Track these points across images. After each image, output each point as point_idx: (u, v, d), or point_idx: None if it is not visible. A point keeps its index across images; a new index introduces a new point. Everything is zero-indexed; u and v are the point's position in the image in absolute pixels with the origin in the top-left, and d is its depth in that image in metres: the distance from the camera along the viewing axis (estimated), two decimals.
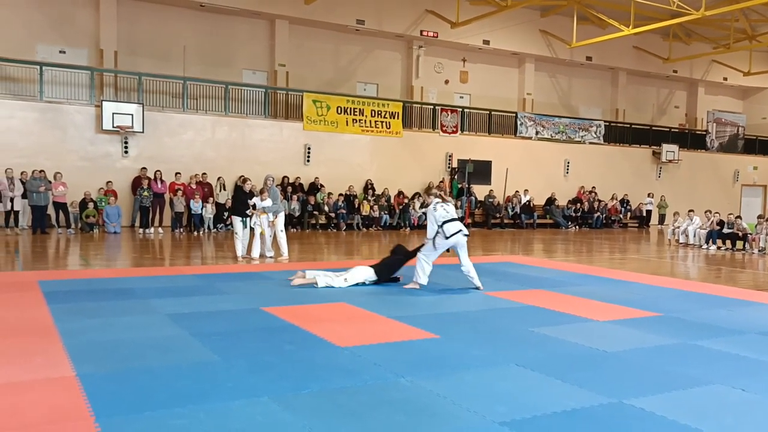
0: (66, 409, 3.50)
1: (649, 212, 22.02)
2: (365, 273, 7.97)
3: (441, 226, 7.62)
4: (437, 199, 7.84)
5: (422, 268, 7.78)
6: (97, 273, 8.71)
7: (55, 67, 16.32)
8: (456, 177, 20.43)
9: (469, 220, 19.93)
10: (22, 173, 14.59)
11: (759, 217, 16.08)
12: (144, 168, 15.99)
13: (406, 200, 18.93)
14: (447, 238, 7.59)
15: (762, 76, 27.68)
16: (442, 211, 7.69)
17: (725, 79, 27.62)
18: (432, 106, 20.95)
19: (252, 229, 10.42)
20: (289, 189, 17.49)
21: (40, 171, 14.52)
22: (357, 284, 7.84)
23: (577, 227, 21.29)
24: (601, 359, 4.80)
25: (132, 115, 16.11)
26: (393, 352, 4.84)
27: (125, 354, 4.58)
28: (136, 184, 15.81)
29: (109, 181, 15.90)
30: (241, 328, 5.52)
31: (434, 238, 7.68)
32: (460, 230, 7.69)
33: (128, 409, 3.50)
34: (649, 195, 22.56)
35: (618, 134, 24.37)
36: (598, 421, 3.51)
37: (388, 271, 8.07)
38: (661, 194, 23.42)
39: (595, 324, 6.06)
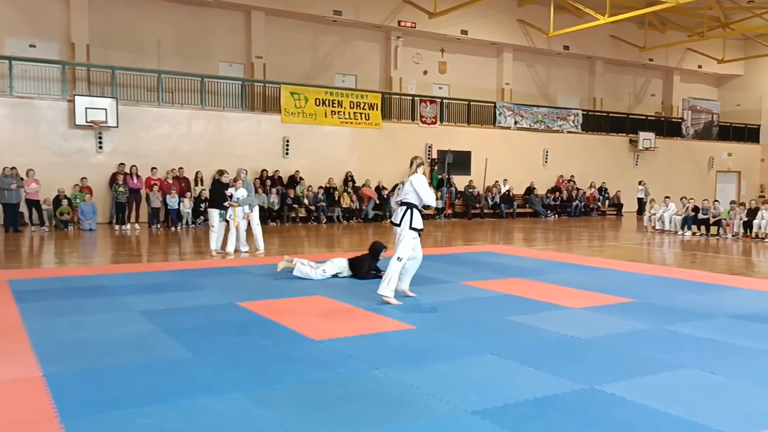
0: (31, 410, 3.43)
1: (640, 200, 21.78)
2: (340, 264, 7.93)
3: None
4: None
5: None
6: (70, 271, 8.57)
7: (25, 61, 15.95)
8: (436, 168, 20.43)
9: (450, 211, 19.98)
10: (4, 169, 14.22)
11: (732, 202, 16.33)
12: (122, 163, 15.74)
13: (385, 191, 18.88)
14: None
15: (735, 63, 28.06)
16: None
17: (700, 66, 27.93)
18: (411, 97, 20.90)
19: (228, 223, 10.32)
20: (268, 182, 17.36)
21: (12, 168, 14.20)
22: (335, 276, 7.81)
23: (556, 216, 21.44)
24: (575, 346, 4.84)
25: (106, 109, 15.83)
26: (368, 344, 4.83)
27: (95, 353, 4.51)
28: (113, 179, 15.57)
29: (84, 178, 15.63)
30: (215, 323, 5.46)
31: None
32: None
33: (95, 409, 3.44)
34: (640, 183, 22.42)
35: (595, 123, 24.55)
36: (569, 407, 3.53)
37: (358, 269, 7.86)
38: (640, 180, 23.38)
39: (571, 311, 6.11)
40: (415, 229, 6.27)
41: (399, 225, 6.30)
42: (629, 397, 3.67)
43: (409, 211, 6.25)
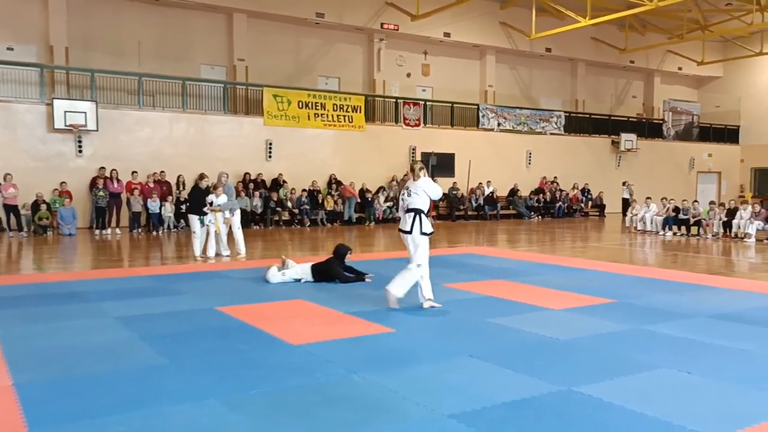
0: None
1: (625, 201, 21.61)
2: (303, 270, 7.78)
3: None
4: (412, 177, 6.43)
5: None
6: (47, 277, 8.43)
7: (2, 64, 15.71)
8: None
9: (434, 213, 19.99)
10: None
11: (711, 203, 16.53)
12: (102, 168, 15.55)
13: (369, 194, 18.87)
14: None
15: (715, 65, 28.45)
16: (406, 198, 6.36)
17: (680, 68, 28.27)
18: (394, 100, 20.91)
19: (209, 227, 10.22)
20: (251, 185, 17.25)
21: None
22: (297, 281, 7.69)
23: (539, 217, 21.55)
24: (553, 348, 4.84)
25: (85, 113, 15.63)
26: (347, 348, 4.80)
27: (68, 360, 4.43)
28: (93, 184, 15.38)
29: (63, 182, 15.42)
30: (193, 329, 5.39)
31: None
32: (402, 230, 6.37)
33: (65, 418, 3.37)
34: (624, 183, 22.40)
35: (578, 124, 24.73)
36: (546, 409, 3.52)
37: (326, 273, 7.68)
38: (624, 181, 23.20)
39: (551, 312, 6.12)
40: (426, 234, 6.28)
41: (410, 232, 6.25)
42: (606, 398, 3.68)
43: (417, 217, 6.24)
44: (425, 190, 6.30)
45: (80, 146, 15.91)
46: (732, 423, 3.35)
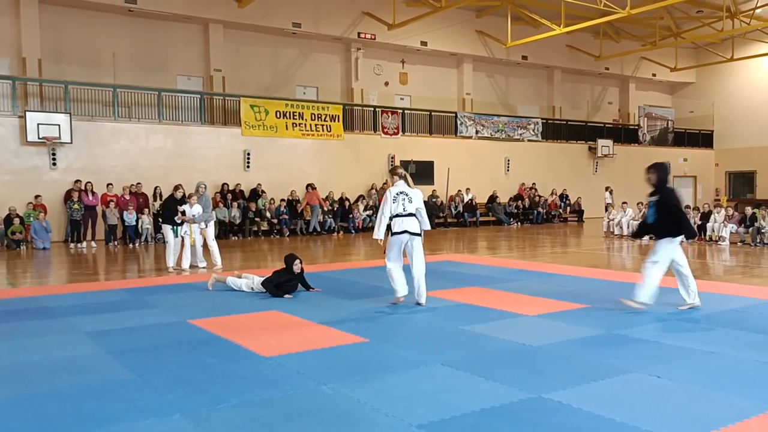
0: None
1: (609, 206, 21.42)
2: (253, 282, 7.63)
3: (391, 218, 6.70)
4: (400, 184, 6.76)
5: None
6: (17, 292, 8.26)
7: None
8: None
9: None
10: None
11: (686, 206, 16.73)
12: (77, 180, 15.34)
13: (348, 202, 18.84)
14: (392, 234, 6.74)
15: (688, 71, 28.97)
16: (401, 204, 6.65)
17: (654, 75, 28.73)
18: (372, 108, 20.95)
19: (183, 239, 10.11)
20: (229, 196, 17.13)
21: None
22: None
23: (519, 223, 21.69)
24: (526, 354, 4.85)
25: (59, 125, 15.42)
26: (319, 359, 4.75)
27: (33, 377, 4.33)
28: (67, 197, 15.15)
29: (38, 195, 15.18)
30: (163, 342, 5.31)
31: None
32: (407, 230, 6.69)
33: None
34: (607, 189, 22.22)
35: (555, 131, 24.99)
36: (516, 417, 3.52)
37: (272, 287, 7.35)
38: (607, 186, 22.87)
39: (524, 319, 6.14)
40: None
41: (420, 234, 6.78)
42: (575, 404, 3.68)
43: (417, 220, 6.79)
44: (419, 197, 6.85)
45: (54, 159, 15.69)
46: (700, 426, 3.37)
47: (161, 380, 4.23)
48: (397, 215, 6.70)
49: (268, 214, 17.40)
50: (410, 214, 6.69)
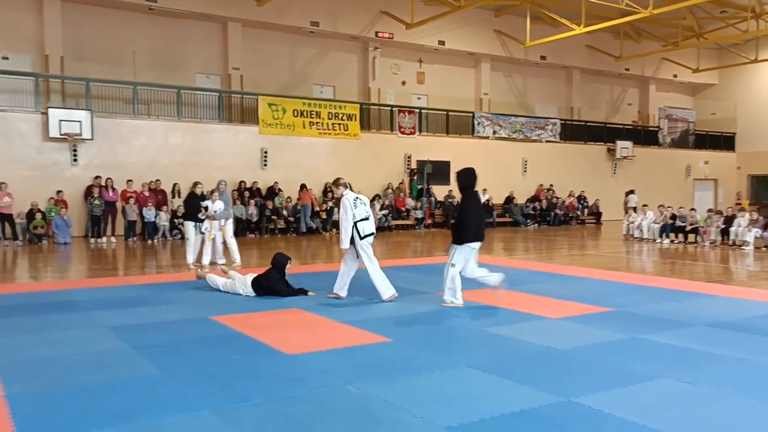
0: None
1: (634, 209, 20.84)
2: (244, 286, 7.31)
3: (355, 224, 6.88)
4: (351, 192, 7.07)
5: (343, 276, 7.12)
6: (41, 286, 8.34)
7: None
8: (415, 178, 20.43)
9: (429, 221, 19.96)
10: None
11: (709, 210, 16.53)
12: (97, 176, 15.47)
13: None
14: (362, 238, 6.91)
15: (710, 72, 28.57)
16: (362, 208, 6.98)
17: (675, 76, 28.39)
18: (389, 108, 20.90)
19: (204, 235, 10.15)
20: (247, 194, 17.19)
21: None
22: (254, 295, 7.23)
23: (536, 225, 21.53)
24: (552, 357, 4.78)
25: (80, 122, 15.57)
26: (343, 358, 4.73)
27: (59, 371, 4.35)
28: (88, 192, 15.29)
29: (60, 191, 15.34)
30: (186, 338, 5.32)
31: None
32: (373, 233, 7.03)
33: (56, 430, 3.29)
34: (632, 191, 21.49)
35: (574, 132, 24.78)
36: (546, 421, 3.46)
37: (261, 289, 7.21)
38: (631, 189, 22.19)
39: (548, 322, 6.06)
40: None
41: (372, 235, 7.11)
42: (606, 409, 3.62)
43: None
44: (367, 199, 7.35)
45: (75, 155, 15.84)
46: None
47: (186, 376, 4.23)
48: (363, 219, 6.93)
49: (284, 212, 17.43)
50: (368, 217, 6.99)
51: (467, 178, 6.90)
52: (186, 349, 4.95)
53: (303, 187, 17.86)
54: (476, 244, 6.77)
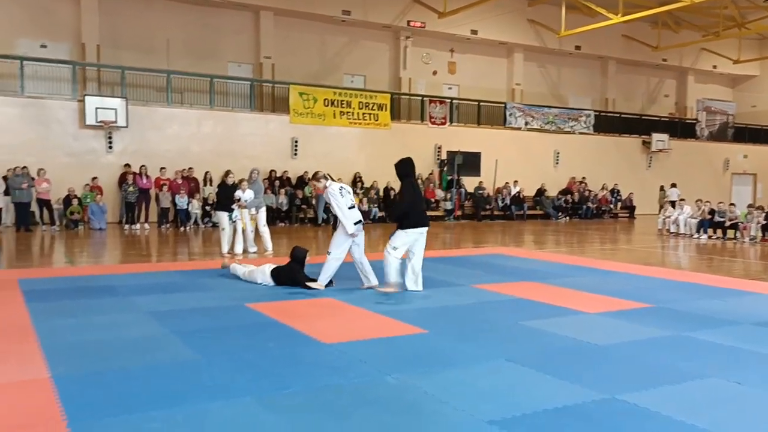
0: (38, 412, 3.36)
1: (673, 204, 20.24)
2: (263, 275, 7.30)
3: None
4: (333, 182, 7.17)
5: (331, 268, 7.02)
6: (79, 271, 8.52)
7: (36, 61, 16.00)
8: (445, 169, 20.31)
9: (459, 212, 19.84)
10: (10, 170, 14.20)
11: (749, 206, 16.07)
12: (127, 164, 15.73)
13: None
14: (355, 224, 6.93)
15: (751, 63, 27.71)
16: (348, 197, 7.03)
17: (715, 67, 27.62)
18: (420, 98, 20.78)
19: (236, 224, 10.25)
20: (277, 183, 17.30)
21: (23, 167, 14.24)
22: (272, 284, 7.21)
23: (567, 218, 21.24)
24: (592, 353, 4.70)
25: (116, 109, 15.83)
26: (380, 348, 4.72)
27: (103, 354, 4.43)
28: (122, 179, 15.56)
29: (95, 177, 15.64)
30: (224, 325, 5.37)
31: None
32: (361, 220, 7.09)
33: (102, 412, 3.35)
34: (673, 185, 21.34)
35: (608, 124, 24.31)
36: (590, 417, 3.40)
37: (284, 279, 7.19)
38: (673, 183, 22.02)
39: (586, 316, 5.97)
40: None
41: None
42: (652, 407, 3.54)
43: None
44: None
45: (110, 142, 16.12)
46: None
47: (227, 362, 4.27)
48: (350, 208, 6.95)
49: (314, 202, 17.49)
50: (353, 206, 7.02)
51: (405, 167, 7.16)
52: (225, 336, 4.99)
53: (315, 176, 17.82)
54: (422, 229, 6.94)
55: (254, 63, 19.85)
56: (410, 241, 6.91)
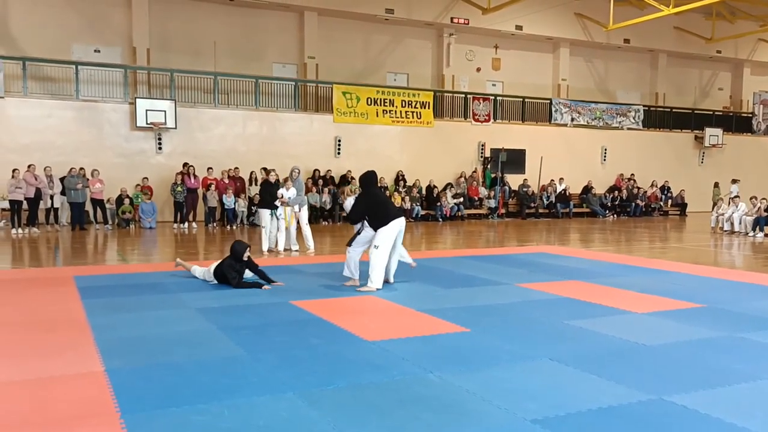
0: (92, 404, 3.50)
1: (734, 199, 19.38)
2: (208, 273, 7.27)
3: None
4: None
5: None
6: (130, 268, 8.83)
7: (90, 66, 16.64)
8: (489, 166, 20.12)
9: (503, 210, 19.63)
10: (71, 170, 14.68)
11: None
12: (186, 163, 16.04)
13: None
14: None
15: None
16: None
17: None
18: (463, 95, 20.64)
19: (279, 221, 10.40)
20: (320, 182, 17.48)
21: (80, 169, 14.82)
22: (216, 283, 7.20)
23: (615, 216, 20.74)
24: (639, 353, 4.59)
25: (165, 111, 16.32)
26: (422, 346, 4.72)
27: (154, 349, 4.58)
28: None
29: (145, 177, 16.15)
30: (269, 321, 5.48)
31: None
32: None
33: (153, 404, 3.47)
34: (735, 181, 20.67)
35: (658, 119, 23.61)
36: (637, 418, 3.32)
37: (219, 276, 7.12)
38: (735, 179, 21.32)
39: (633, 316, 5.82)
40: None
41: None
42: (702, 409, 3.43)
43: None
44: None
45: (160, 143, 16.61)
46: None
47: (271, 358, 4.35)
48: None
49: None
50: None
51: (367, 180, 7.57)
52: (270, 332, 5.09)
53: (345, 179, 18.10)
54: (400, 221, 7.15)
55: (298, 63, 20.12)
56: (393, 236, 7.09)
